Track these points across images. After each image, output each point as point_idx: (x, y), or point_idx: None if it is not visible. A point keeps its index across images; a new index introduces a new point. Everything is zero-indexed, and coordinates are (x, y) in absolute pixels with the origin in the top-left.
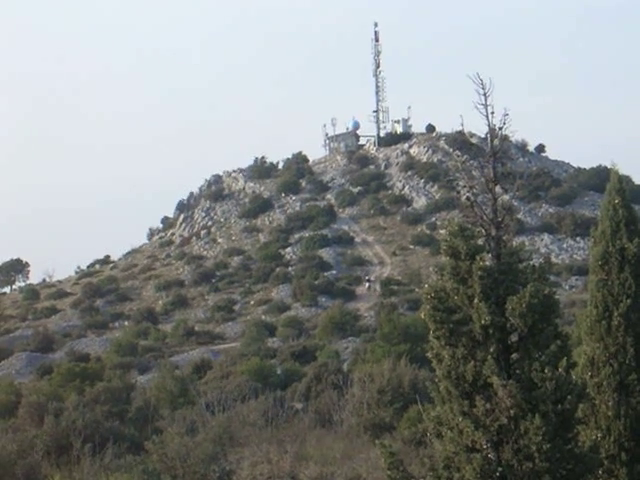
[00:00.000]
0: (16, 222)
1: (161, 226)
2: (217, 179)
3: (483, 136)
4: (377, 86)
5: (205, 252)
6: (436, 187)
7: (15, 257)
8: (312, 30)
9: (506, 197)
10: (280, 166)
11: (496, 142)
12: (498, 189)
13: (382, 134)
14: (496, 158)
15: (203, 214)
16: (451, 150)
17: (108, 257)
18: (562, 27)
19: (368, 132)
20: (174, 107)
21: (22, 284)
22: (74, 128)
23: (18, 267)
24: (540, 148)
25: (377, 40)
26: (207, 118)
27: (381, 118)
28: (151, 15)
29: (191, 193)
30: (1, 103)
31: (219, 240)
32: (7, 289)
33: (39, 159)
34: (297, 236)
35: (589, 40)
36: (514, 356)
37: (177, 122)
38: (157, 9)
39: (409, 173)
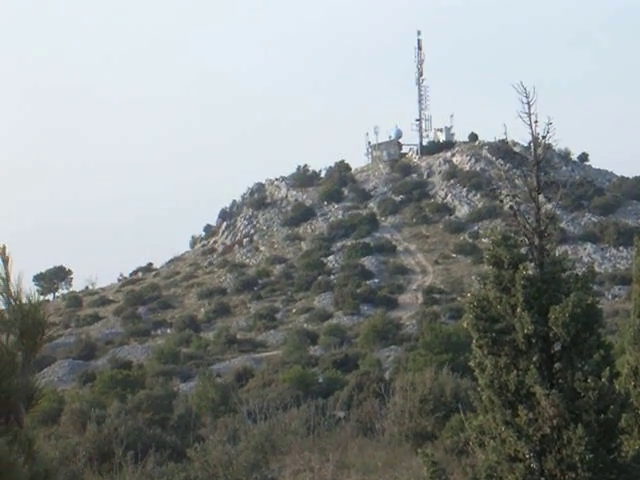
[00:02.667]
0: (60, 230)
1: (204, 234)
2: (260, 187)
3: (526, 145)
4: (420, 94)
5: (247, 260)
6: (478, 196)
7: (58, 265)
8: (356, 38)
9: (549, 206)
10: (322, 174)
11: (539, 151)
12: (541, 198)
13: (425, 142)
14: (539, 167)
15: (245, 222)
16: (494, 159)
17: (151, 265)
18: (605, 32)
19: (411, 140)
20: (216, 116)
21: (65, 292)
22: (116, 140)
23: (61, 275)
24: (583, 157)
25: (420, 48)
26: (249, 126)
27: (424, 126)
28: (196, 27)
29: (234, 201)
30: (49, 113)
31: (261, 248)
32: (50, 296)
33: (81, 169)
34: (339, 244)
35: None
36: (557, 365)
37: (220, 131)
38: (203, 23)
39: (451, 182)
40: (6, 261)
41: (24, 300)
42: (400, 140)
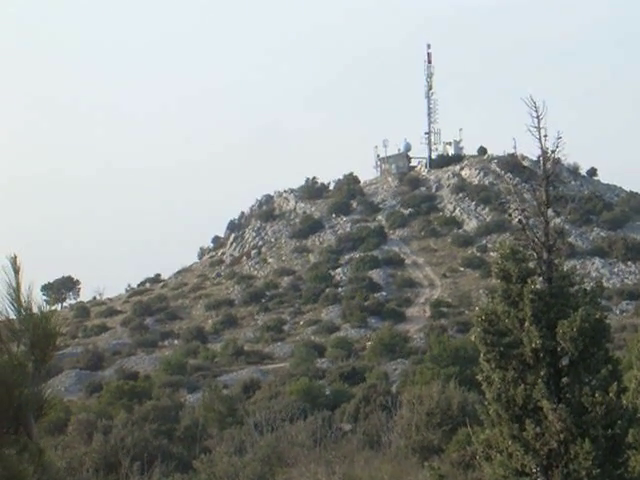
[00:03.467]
0: (68, 240)
1: (212, 245)
2: (268, 199)
3: (535, 159)
4: (429, 108)
5: (255, 272)
6: (487, 209)
7: (66, 275)
8: (366, 51)
9: (558, 220)
10: (331, 187)
11: (548, 165)
12: (550, 212)
13: (433, 156)
14: (548, 181)
15: (254, 234)
16: (503, 173)
17: (159, 276)
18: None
19: (419, 154)
20: (225, 128)
21: (73, 302)
22: (125, 150)
23: (69, 285)
24: (592, 172)
25: (429, 62)
26: (258, 138)
27: (433, 140)
28: (202, 36)
29: (242, 213)
30: (58, 123)
31: (269, 260)
32: (58, 307)
33: (90, 180)
34: (347, 257)
35: None
36: (564, 380)
37: (229, 142)
38: (208, 31)
39: (460, 195)
40: (17, 271)
41: (35, 310)
42: (409, 153)
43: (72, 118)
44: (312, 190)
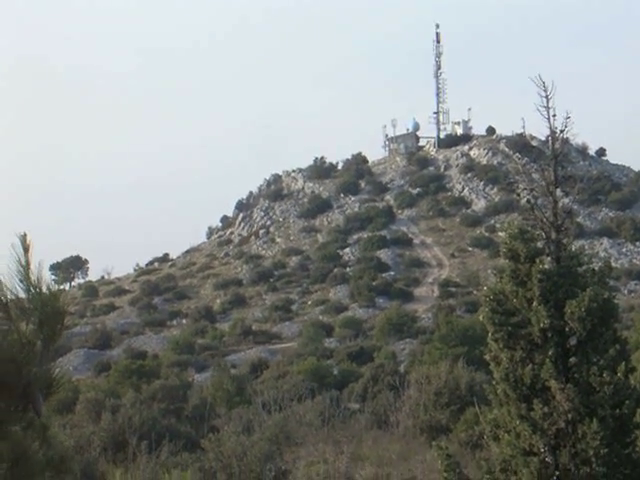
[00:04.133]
0: (76, 219)
1: (220, 225)
2: (276, 179)
3: (543, 139)
4: (438, 87)
5: (263, 252)
6: (495, 189)
7: (74, 254)
8: (373, 30)
9: (566, 200)
10: (339, 166)
11: (557, 145)
12: (558, 192)
13: (442, 136)
14: (557, 161)
15: (262, 214)
16: (511, 152)
17: (167, 255)
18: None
19: (428, 133)
20: (234, 107)
21: (81, 281)
22: (133, 130)
23: (77, 264)
24: (601, 152)
25: (438, 41)
26: (267, 117)
27: (441, 119)
28: (213, 18)
29: (250, 192)
30: (64, 103)
31: (277, 240)
32: (66, 286)
33: (98, 159)
34: (355, 237)
35: None
36: (572, 360)
37: (237, 122)
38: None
39: (469, 175)
40: (27, 249)
41: (44, 289)
42: (417, 133)
43: (77, 92)
44: (320, 170)
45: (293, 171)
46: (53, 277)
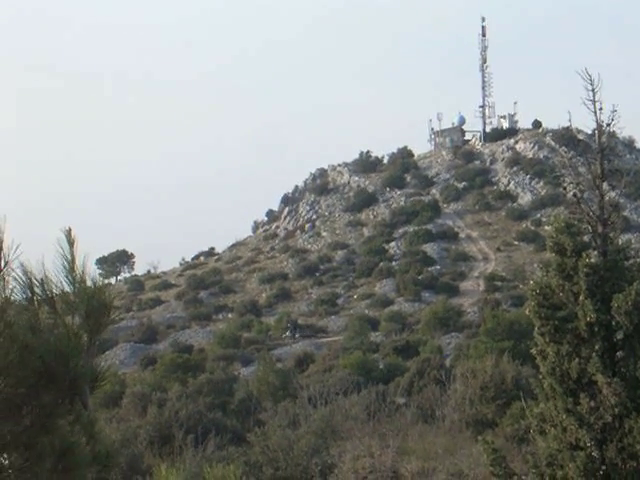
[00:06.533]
0: (123, 214)
1: (266, 219)
2: (322, 173)
3: (590, 132)
4: (483, 81)
5: (309, 246)
6: (541, 183)
7: (121, 248)
8: (419, 24)
9: (613, 194)
10: (385, 160)
11: (603, 138)
12: (605, 186)
13: (488, 129)
14: (603, 154)
15: (308, 208)
16: (557, 146)
17: (213, 249)
18: None
19: (474, 127)
20: (282, 101)
21: (127, 275)
22: (182, 126)
23: (123, 258)
24: None
25: (484, 35)
26: (313, 111)
27: (487, 113)
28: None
29: (296, 187)
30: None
31: (323, 234)
32: (112, 280)
33: (147, 156)
34: (401, 231)
35: None
36: (619, 354)
37: (284, 116)
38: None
39: (514, 169)
40: (72, 243)
41: (89, 283)
42: (463, 127)
43: (123, 92)
44: (366, 164)
45: (339, 165)
46: (99, 271)
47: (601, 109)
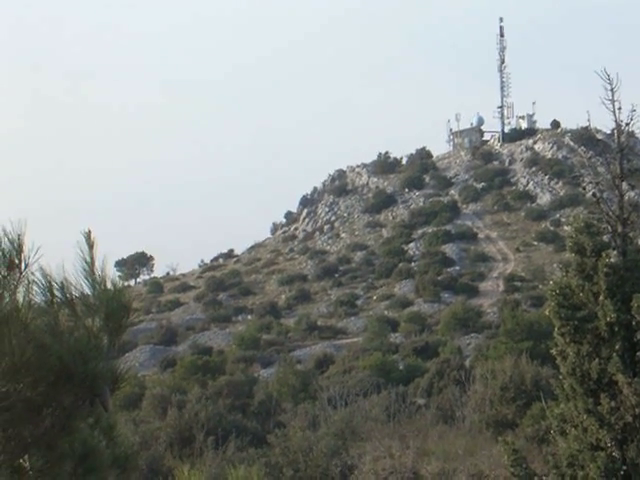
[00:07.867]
0: (142, 216)
1: (285, 221)
2: (341, 174)
3: (609, 132)
4: (502, 81)
5: (328, 247)
6: (561, 183)
7: (140, 250)
8: (437, 25)
9: (632, 194)
10: (404, 161)
11: (623, 138)
12: (624, 186)
13: (506, 130)
14: (622, 154)
15: (326, 209)
16: (576, 146)
17: (232, 251)
18: None
19: (492, 128)
20: (298, 102)
21: (146, 277)
22: (199, 128)
23: (143, 260)
24: None
25: (502, 35)
26: (332, 112)
27: (505, 114)
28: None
29: (315, 188)
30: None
31: (342, 235)
32: (132, 282)
33: (166, 159)
34: (420, 231)
35: None
36: (639, 354)
37: (301, 118)
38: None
39: (533, 169)
40: (91, 246)
41: (109, 285)
42: (482, 127)
43: (146, 94)
44: (385, 165)
45: (357, 166)
46: (118, 273)
47: (620, 109)
